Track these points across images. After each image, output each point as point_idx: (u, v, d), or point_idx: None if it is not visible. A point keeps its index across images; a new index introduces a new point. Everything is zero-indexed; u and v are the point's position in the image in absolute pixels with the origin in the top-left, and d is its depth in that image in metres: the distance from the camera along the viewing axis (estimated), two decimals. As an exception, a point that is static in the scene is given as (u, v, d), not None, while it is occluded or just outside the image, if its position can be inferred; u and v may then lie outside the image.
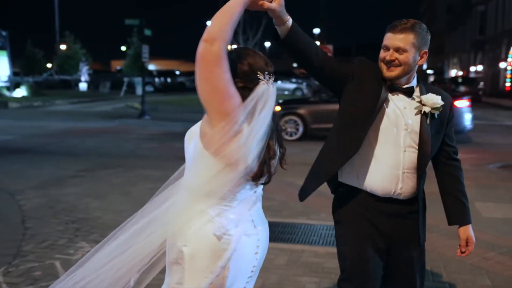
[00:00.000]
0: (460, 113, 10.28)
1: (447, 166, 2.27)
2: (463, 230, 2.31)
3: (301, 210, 5.69)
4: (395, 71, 2.13)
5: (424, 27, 2.17)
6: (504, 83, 38.22)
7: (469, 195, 6.71)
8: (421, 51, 2.15)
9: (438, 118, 2.18)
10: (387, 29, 2.17)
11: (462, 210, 2.30)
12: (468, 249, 2.32)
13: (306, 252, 4.35)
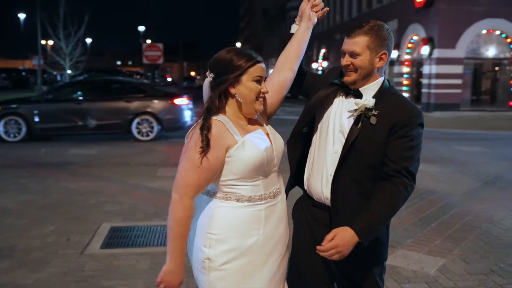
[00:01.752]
0: (180, 110, 11.85)
1: (381, 182, 2.00)
2: (339, 229, 1.95)
3: (153, 211, 5.60)
4: (351, 75, 2.06)
5: (383, 28, 2.05)
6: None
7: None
8: (379, 53, 2.03)
9: (378, 126, 1.99)
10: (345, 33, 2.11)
11: (359, 220, 1.96)
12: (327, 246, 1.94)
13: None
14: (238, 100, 1.91)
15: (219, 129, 1.84)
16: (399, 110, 2.00)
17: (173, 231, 1.81)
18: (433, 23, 21.20)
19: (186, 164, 1.83)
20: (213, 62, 1.93)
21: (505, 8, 20.87)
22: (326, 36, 38.64)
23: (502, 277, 3.79)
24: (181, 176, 1.83)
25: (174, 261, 1.81)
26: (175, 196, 1.83)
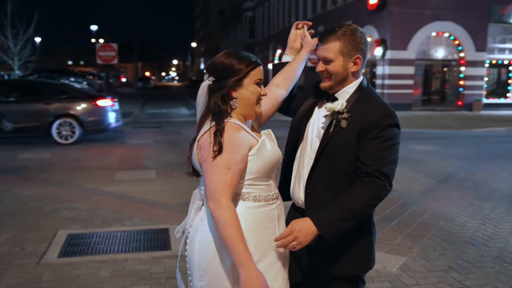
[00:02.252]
0: (104, 112, 11.56)
1: (354, 183, 1.95)
2: (299, 219, 1.93)
3: (112, 217, 5.46)
4: (327, 81, 2.07)
5: (356, 31, 2.03)
6: (272, 82, 42.55)
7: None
8: (353, 57, 2.02)
9: (348, 129, 1.98)
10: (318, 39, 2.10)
11: (320, 211, 1.94)
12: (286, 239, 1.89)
13: (129, 260, 4.21)
14: (234, 102, 1.91)
15: (239, 129, 1.85)
16: (369, 112, 1.98)
17: (230, 237, 1.71)
18: (386, 25, 21.77)
19: (216, 170, 1.77)
20: (213, 66, 1.92)
21: (453, 12, 21.70)
22: (282, 37, 38.95)
23: (460, 273, 3.92)
24: (213, 183, 1.76)
25: (247, 266, 1.71)
26: (212, 205, 1.75)
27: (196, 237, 1.90)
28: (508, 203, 6.10)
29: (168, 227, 5.10)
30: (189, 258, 1.95)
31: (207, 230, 1.86)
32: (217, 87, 1.90)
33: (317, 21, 30.41)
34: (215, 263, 1.85)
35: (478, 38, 22.40)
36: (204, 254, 1.86)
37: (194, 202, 2.02)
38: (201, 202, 1.98)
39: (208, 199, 1.77)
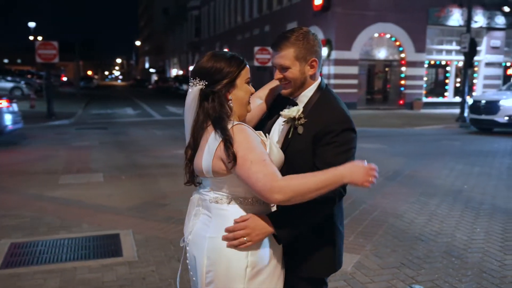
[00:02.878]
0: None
1: None
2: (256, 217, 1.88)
3: (59, 224, 5.22)
4: (287, 88, 2.06)
5: (308, 34, 2.02)
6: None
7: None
8: (309, 60, 2.01)
9: (304, 135, 1.99)
10: (271, 46, 2.08)
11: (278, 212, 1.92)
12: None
13: (79, 269, 4.03)
14: (230, 105, 1.90)
15: (250, 129, 1.86)
16: (324, 117, 1.98)
17: (315, 187, 1.72)
18: (330, 26, 22.21)
19: (255, 169, 1.73)
20: (203, 70, 1.89)
21: (394, 14, 22.45)
22: (228, 37, 38.91)
23: (412, 269, 4.02)
24: (261, 181, 1.71)
25: (339, 173, 1.74)
26: (277, 197, 1.71)
27: (204, 244, 1.87)
28: (452, 199, 6.36)
29: (118, 232, 4.94)
30: (195, 265, 1.91)
31: (218, 236, 1.84)
32: (211, 91, 1.87)
33: (263, 21, 30.62)
34: (228, 268, 1.83)
35: (417, 40, 23.29)
36: (216, 260, 1.84)
37: (192, 208, 1.99)
38: (200, 208, 1.95)
39: (268, 196, 1.72)
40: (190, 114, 1.90)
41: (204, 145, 1.84)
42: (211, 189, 1.89)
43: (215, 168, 1.80)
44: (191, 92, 1.89)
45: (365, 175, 1.73)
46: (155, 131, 14.35)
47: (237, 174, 1.77)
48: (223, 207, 1.86)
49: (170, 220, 5.35)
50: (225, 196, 1.87)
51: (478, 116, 14.45)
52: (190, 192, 2.05)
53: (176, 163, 8.76)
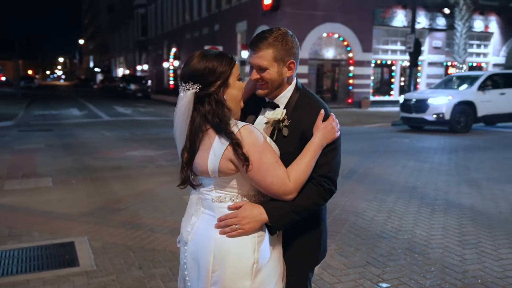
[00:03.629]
0: None
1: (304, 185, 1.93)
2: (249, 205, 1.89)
3: (7, 233, 4.89)
4: (263, 89, 2.03)
5: (287, 35, 1.99)
6: (168, 81, 41.91)
7: (175, 190, 7.09)
8: (287, 62, 1.99)
9: (290, 137, 1.98)
10: (248, 45, 2.05)
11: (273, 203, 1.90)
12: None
13: (32, 282, 3.77)
14: (228, 105, 1.88)
15: (256, 129, 1.87)
16: (307, 117, 1.99)
17: (309, 167, 1.89)
18: (280, 26, 22.26)
19: (269, 171, 1.82)
20: (196, 73, 1.84)
21: (342, 14, 22.89)
22: (177, 35, 38.38)
23: (377, 268, 4.04)
24: (276, 184, 1.82)
25: (317, 141, 1.92)
26: (291, 197, 1.86)
27: (209, 243, 1.85)
28: (407, 196, 6.49)
29: (73, 240, 4.68)
30: (198, 265, 1.89)
31: (223, 236, 1.84)
32: (206, 94, 1.83)
33: (212, 20, 30.41)
34: (236, 266, 1.83)
35: (364, 40, 23.86)
36: (223, 259, 1.83)
37: (191, 208, 1.98)
38: (200, 207, 1.94)
39: (282, 197, 1.85)
40: (184, 119, 1.86)
41: (207, 147, 1.83)
42: (213, 188, 1.88)
43: (222, 168, 1.81)
44: (184, 96, 1.84)
45: (332, 130, 1.95)
46: (104, 132, 13.88)
47: (250, 176, 1.81)
48: (227, 206, 1.87)
49: (128, 225, 5.14)
50: (228, 195, 1.88)
51: (409, 115, 14.77)
52: (146, 195, 1.98)
53: (129, 165, 8.49)
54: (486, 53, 27.44)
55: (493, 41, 27.26)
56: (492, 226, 5.18)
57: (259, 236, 1.87)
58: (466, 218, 5.46)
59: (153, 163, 8.74)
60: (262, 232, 1.88)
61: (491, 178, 7.65)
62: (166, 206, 5.89)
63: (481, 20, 26.39)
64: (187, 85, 1.83)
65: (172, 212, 5.63)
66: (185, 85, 1.84)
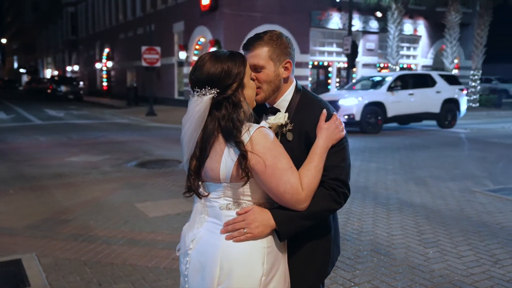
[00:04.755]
0: None
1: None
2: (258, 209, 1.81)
3: None
4: (260, 93, 1.92)
5: (281, 36, 1.94)
6: (101, 82, 40.47)
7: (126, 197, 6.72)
8: (283, 61, 1.92)
9: (294, 141, 1.91)
10: (242, 47, 1.97)
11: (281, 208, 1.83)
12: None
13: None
14: (245, 108, 1.80)
15: (271, 131, 1.81)
16: (310, 118, 1.92)
17: (319, 171, 1.81)
18: (219, 27, 22.17)
19: (284, 178, 1.74)
20: (212, 77, 1.75)
21: (279, 16, 23.07)
22: (110, 35, 37.15)
23: (347, 271, 4.00)
24: (290, 192, 1.74)
25: (322, 142, 1.85)
26: (302, 206, 1.78)
27: (216, 252, 1.77)
28: (361, 196, 6.57)
29: (19, 257, 4.29)
30: (202, 275, 1.80)
31: (231, 244, 1.76)
32: (224, 98, 1.76)
33: (147, 20, 29.63)
34: (244, 277, 1.75)
35: (302, 41, 24.19)
36: (231, 270, 1.75)
37: (196, 216, 1.88)
38: (204, 215, 1.86)
39: (295, 207, 1.77)
40: (196, 125, 1.77)
41: (219, 153, 1.76)
42: (222, 195, 1.81)
43: (235, 174, 1.75)
44: (200, 102, 1.75)
45: (336, 129, 1.88)
46: (37, 137, 13.07)
47: (263, 181, 1.74)
48: (236, 212, 1.80)
49: (79, 238, 4.79)
50: (237, 202, 1.81)
51: None
52: (94, 204, 1.84)
53: (71, 172, 8.01)
54: (415, 55, 28.67)
55: (422, 44, 28.54)
56: (447, 224, 5.33)
57: (269, 247, 1.80)
58: (421, 217, 5.58)
59: (97, 169, 8.30)
60: (271, 242, 1.81)
61: (435, 176, 7.93)
62: (118, 215, 5.57)
63: (410, 23, 27.54)
64: (203, 90, 1.75)
65: (126, 221, 5.32)
66: (200, 90, 1.76)
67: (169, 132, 14.56)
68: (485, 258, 4.29)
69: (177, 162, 9.04)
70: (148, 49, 20.79)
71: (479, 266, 4.10)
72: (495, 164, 9.10)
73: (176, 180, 7.36)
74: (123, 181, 7.38)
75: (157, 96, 25.06)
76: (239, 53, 1.84)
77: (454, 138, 13.29)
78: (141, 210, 5.74)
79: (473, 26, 26.32)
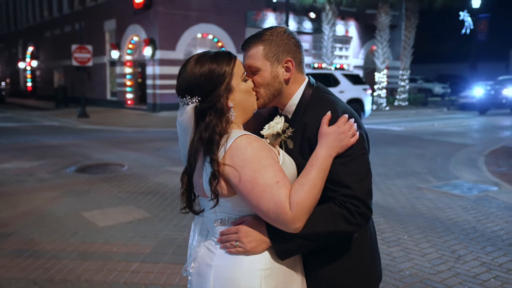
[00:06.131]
0: None
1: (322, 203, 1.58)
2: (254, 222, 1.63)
3: None
4: (259, 98, 1.70)
5: (284, 31, 1.71)
6: (25, 83, 38.26)
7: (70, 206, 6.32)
8: (282, 60, 1.68)
9: (297, 148, 1.69)
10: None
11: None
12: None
13: None
14: (232, 113, 1.59)
15: (258, 138, 1.57)
16: (312, 121, 1.66)
17: (315, 179, 1.52)
18: (153, 25, 21.57)
19: (265, 195, 1.47)
20: (191, 84, 1.57)
21: (215, 15, 22.85)
22: (34, 33, 35.17)
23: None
24: (273, 212, 1.48)
25: (326, 150, 1.57)
26: (293, 227, 1.48)
27: (209, 273, 1.60)
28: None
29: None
30: None
31: (224, 264, 1.58)
32: (207, 106, 1.56)
33: (75, 17, 28.34)
34: None
35: (238, 41, 24.06)
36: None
37: (195, 231, 1.73)
38: (203, 232, 1.71)
39: (284, 229, 1.50)
40: (185, 138, 1.63)
41: (201, 166, 1.59)
42: (214, 210, 1.62)
43: (217, 189, 1.55)
44: (184, 113, 1.59)
45: (342, 135, 1.58)
46: (-41, 142, 12.04)
47: (242, 198, 1.53)
48: (231, 223, 1.63)
49: (24, 254, 4.37)
50: (231, 217, 1.62)
51: None
52: (36, 215, 1.67)
53: (4, 180, 7.39)
54: (347, 56, 29.50)
55: (353, 45, 29.38)
56: (403, 221, 5.40)
57: (267, 269, 1.56)
58: (378, 215, 5.63)
59: (33, 176, 7.70)
60: (270, 263, 1.57)
61: (381, 174, 8.09)
62: (65, 226, 5.15)
63: (342, 24, 28.27)
64: (185, 99, 1.59)
65: (75, 233, 4.93)
66: (182, 99, 1.59)
67: (105, 135, 13.94)
68: (447, 255, 4.37)
69: (120, 166, 8.62)
70: (78, 47, 19.82)
71: (443, 263, 4.16)
72: (433, 161, 9.46)
73: (123, 186, 6.98)
74: (65, 188, 6.89)
75: (88, 97, 23.99)
76: (226, 52, 1.65)
77: (391, 136, 13.73)
78: (89, 220, 5.35)
79: (400, 28, 27.48)
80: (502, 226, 5.21)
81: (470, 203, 6.21)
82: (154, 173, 7.97)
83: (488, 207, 6.01)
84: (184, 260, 4.20)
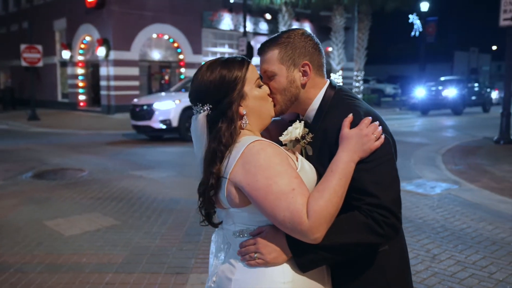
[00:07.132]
0: None
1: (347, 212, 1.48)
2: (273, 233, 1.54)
3: None
4: (276, 104, 1.63)
5: (298, 33, 1.63)
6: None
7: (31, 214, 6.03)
8: (299, 64, 1.60)
9: (316, 155, 1.61)
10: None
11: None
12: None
13: None
14: (245, 121, 1.55)
15: (272, 144, 1.49)
16: (332, 125, 1.57)
17: (336, 186, 1.43)
18: (107, 25, 21.00)
19: (281, 203, 1.39)
20: (203, 92, 1.54)
21: (171, 15, 22.51)
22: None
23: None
24: (289, 222, 1.39)
25: (346, 155, 1.47)
26: (312, 237, 1.39)
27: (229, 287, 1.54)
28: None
29: None
30: None
31: (244, 278, 1.51)
32: (219, 113, 1.51)
33: (22, 16, 27.20)
34: None
35: (194, 42, 23.86)
36: None
37: (216, 245, 1.70)
38: (224, 245, 1.66)
39: (302, 239, 1.41)
40: (199, 147, 1.57)
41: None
42: (232, 221, 1.56)
43: (231, 198, 1.50)
44: (198, 119, 1.55)
45: (365, 138, 1.48)
46: None
47: (257, 207, 1.46)
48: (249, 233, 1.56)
49: (-15, 268, 4.09)
50: (250, 228, 1.54)
51: (137, 122, 12.56)
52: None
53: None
54: (302, 57, 29.84)
55: (308, 46, 29.78)
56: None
57: (290, 281, 1.47)
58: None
59: (-14, 184, 7.28)
60: (294, 276, 1.48)
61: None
62: (27, 236, 4.87)
63: (297, 26, 28.58)
64: (197, 107, 1.55)
65: (39, 243, 4.66)
66: (195, 107, 1.56)
67: (60, 138, 13.41)
68: (422, 254, 4.42)
69: (79, 170, 8.29)
70: (28, 47, 19.01)
71: (420, 263, 4.20)
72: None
73: (85, 192, 6.70)
74: (23, 195, 6.54)
75: (38, 99, 23.07)
76: (239, 57, 1.58)
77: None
78: (53, 229, 5.08)
79: (353, 30, 28.01)
80: (469, 224, 5.35)
81: (435, 201, 6.35)
82: (117, 178, 7.70)
83: (452, 205, 6.17)
84: (160, 268, 4.06)
